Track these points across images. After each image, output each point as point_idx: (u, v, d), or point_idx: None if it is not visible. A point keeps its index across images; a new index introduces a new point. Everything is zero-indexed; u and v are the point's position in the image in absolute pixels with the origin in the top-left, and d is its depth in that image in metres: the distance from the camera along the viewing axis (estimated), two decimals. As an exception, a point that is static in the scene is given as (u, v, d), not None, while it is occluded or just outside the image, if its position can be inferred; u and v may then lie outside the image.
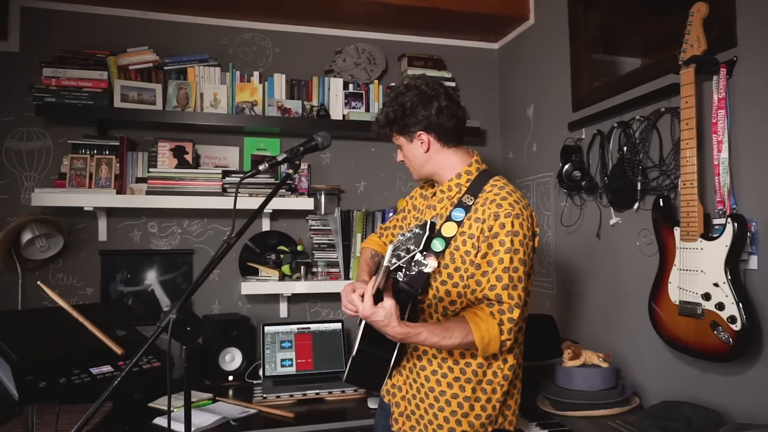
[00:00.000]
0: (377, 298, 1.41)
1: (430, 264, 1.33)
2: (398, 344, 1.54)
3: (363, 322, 1.53)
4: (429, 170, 1.69)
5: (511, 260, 1.50)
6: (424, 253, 1.29)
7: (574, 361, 2.04)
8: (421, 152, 1.65)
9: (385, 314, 1.39)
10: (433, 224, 1.30)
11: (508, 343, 1.51)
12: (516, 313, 1.50)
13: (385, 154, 3.09)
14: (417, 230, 1.31)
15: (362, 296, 1.43)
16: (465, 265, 1.54)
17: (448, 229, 1.57)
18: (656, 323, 1.87)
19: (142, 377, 2.14)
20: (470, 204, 1.59)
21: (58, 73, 2.51)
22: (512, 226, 1.50)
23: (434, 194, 1.73)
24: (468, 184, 1.63)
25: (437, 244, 1.55)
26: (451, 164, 1.67)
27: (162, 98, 2.67)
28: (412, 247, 1.27)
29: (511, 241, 1.50)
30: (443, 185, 1.68)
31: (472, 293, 1.55)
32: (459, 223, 1.57)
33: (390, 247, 1.32)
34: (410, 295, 1.52)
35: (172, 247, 2.80)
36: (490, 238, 1.52)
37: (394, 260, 1.29)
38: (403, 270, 1.41)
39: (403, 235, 1.31)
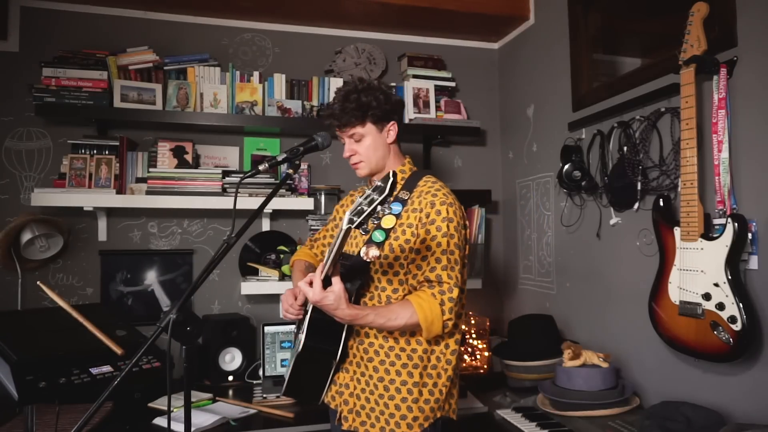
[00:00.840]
0: (325, 284, 1.50)
1: (372, 253, 1.42)
2: (343, 335, 1.63)
3: (307, 320, 1.60)
4: (382, 164, 1.77)
5: (448, 243, 1.63)
6: (390, 203, 1.36)
7: (574, 361, 2.04)
8: (386, 143, 1.77)
9: (335, 297, 1.49)
10: (395, 173, 1.36)
11: (449, 323, 1.61)
12: (455, 293, 1.62)
13: (385, 154, 3.09)
14: (378, 183, 1.35)
15: (310, 283, 1.51)
16: (405, 253, 1.65)
17: (388, 222, 1.67)
18: (656, 323, 1.87)
19: (142, 377, 2.14)
20: (406, 198, 1.71)
21: (58, 73, 2.52)
22: (447, 212, 1.64)
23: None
24: (403, 182, 1.76)
25: (378, 236, 1.65)
26: (394, 159, 1.80)
27: (162, 98, 2.67)
28: (376, 197, 1.31)
29: (447, 227, 1.63)
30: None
31: (414, 278, 1.65)
32: (397, 216, 1.67)
33: (347, 213, 1.35)
34: (354, 279, 1.62)
35: (172, 247, 2.80)
36: (427, 225, 1.63)
37: (354, 218, 1.33)
38: (358, 235, 1.48)
39: (362, 196, 1.34)
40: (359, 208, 1.33)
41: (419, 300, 1.59)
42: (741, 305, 1.60)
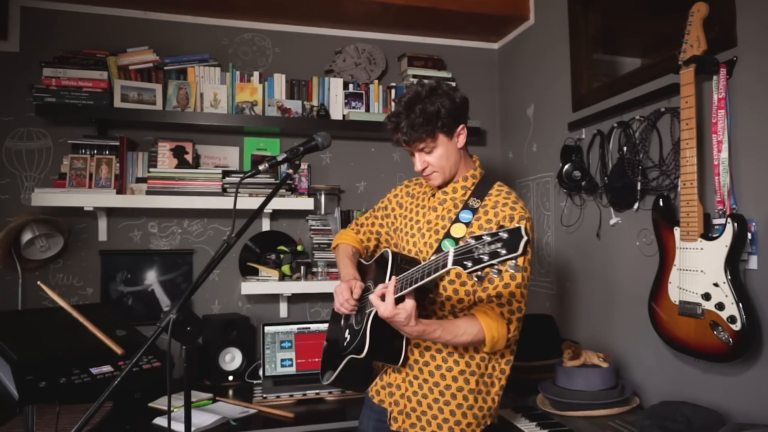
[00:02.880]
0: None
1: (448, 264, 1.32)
2: (404, 344, 1.58)
3: (370, 322, 1.55)
4: (455, 171, 1.67)
5: (523, 261, 1.57)
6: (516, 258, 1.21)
7: (574, 361, 2.04)
8: (457, 148, 1.66)
9: (406, 315, 1.43)
10: (527, 229, 1.21)
11: (512, 339, 1.59)
12: (523, 312, 1.59)
13: (385, 154, 3.09)
14: (504, 234, 1.21)
15: (381, 296, 1.45)
16: None
17: (458, 230, 1.61)
18: (656, 323, 1.87)
19: (142, 377, 2.15)
20: (477, 206, 1.63)
21: (58, 73, 2.52)
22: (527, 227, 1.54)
23: (431, 195, 1.74)
24: (473, 188, 1.68)
25: (447, 245, 1.59)
26: (465, 163, 1.70)
27: (162, 98, 2.67)
28: (502, 252, 1.20)
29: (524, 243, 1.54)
30: (446, 187, 1.70)
31: (484, 290, 1.59)
32: (467, 224, 1.61)
33: (451, 251, 1.26)
34: (425, 292, 1.56)
35: (172, 247, 2.80)
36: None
37: (468, 263, 1.23)
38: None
39: (478, 239, 1.23)
40: (474, 255, 1.22)
41: (488, 319, 1.53)
42: (740, 305, 1.60)
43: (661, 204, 1.86)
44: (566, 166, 2.37)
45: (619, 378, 2.08)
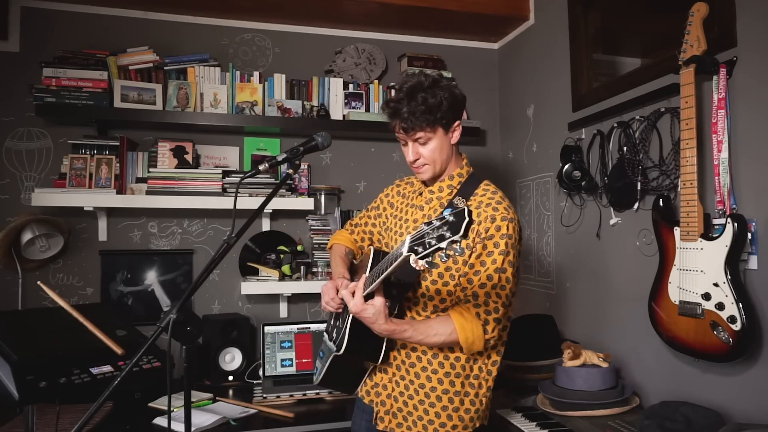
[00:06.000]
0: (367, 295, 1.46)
1: (421, 263, 1.31)
2: (384, 341, 1.59)
3: (349, 324, 1.56)
4: (445, 166, 1.67)
5: (503, 261, 1.55)
6: (459, 240, 1.21)
7: (574, 361, 2.04)
8: (450, 144, 1.66)
9: (374, 311, 1.46)
10: (470, 211, 1.22)
11: (492, 341, 1.58)
12: (501, 313, 1.57)
13: (385, 154, 3.09)
14: (452, 218, 1.22)
15: (353, 293, 1.48)
16: (457, 265, 1.58)
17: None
18: (656, 323, 1.87)
19: (142, 377, 2.15)
20: (461, 206, 1.61)
21: (58, 73, 2.52)
22: (507, 229, 1.56)
23: (419, 194, 1.75)
24: (459, 187, 1.68)
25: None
26: (455, 160, 1.70)
27: (162, 98, 2.67)
28: (447, 234, 1.20)
29: (506, 244, 1.55)
30: (433, 186, 1.70)
31: (462, 291, 1.58)
32: None
33: (407, 239, 1.26)
34: (402, 290, 1.56)
35: (172, 247, 2.80)
36: (485, 240, 1.55)
37: (418, 248, 1.23)
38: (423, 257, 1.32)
39: (429, 225, 1.24)
40: (425, 240, 1.22)
41: (462, 320, 1.53)
42: (740, 305, 1.60)
43: (661, 204, 1.86)
44: (566, 166, 2.37)
45: (619, 378, 2.08)
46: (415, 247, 1.23)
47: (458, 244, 1.20)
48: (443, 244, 1.20)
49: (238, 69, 2.83)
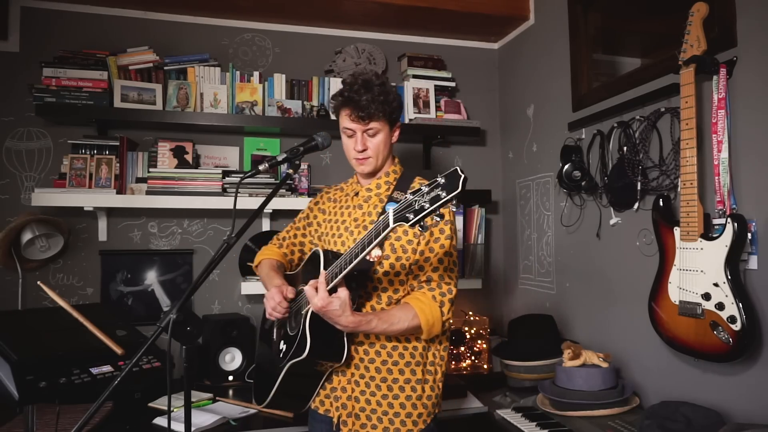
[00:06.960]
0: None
1: (375, 252, 1.39)
2: (345, 340, 1.60)
3: (307, 320, 1.54)
4: (384, 163, 1.76)
5: (450, 245, 1.67)
6: (458, 197, 1.22)
7: (574, 361, 2.04)
8: (391, 142, 1.75)
9: (341, 304, 1.47)
10: (462, 168, 1.22)
11: (447, 323, 1.64)
12: (454, 294, 1.66)
13: (385, 154, 3.09)
14: (442, 180, 1.22)
15: (315, 288, 1.48)
16: (407, 254, 1.64)
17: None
18: (656, 323, 1.87)
19: (142, 377, 2.15)
20: (402, 199, 1.66)
21: (58, 73, 2.52)
22: (448, 215, 1.69)
23: (355, 194, 1.79)
24: (395, 183, 1.75)
25: (387, 208, 1.62)
26: (390, 160, 1.80)
27: (162, 98, 2.67)
28: (443, 194, 1.21)
29: (450, 229, 1.66)
30: (371, 183, 1.76)
31: (415, 278, 1.66)
32: None
33: (390, 210, 1.28)
34: (360, 282, 1.60)
35: (172, 247, 2.80)
36: (431, 227, 1.64)
37: (410, 215, 1.24)
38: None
39: (416, 192, 1.25)
40: (414, 207, 1.24)
41: (420, 303, 1.60)
42: (740, 305, 1.60)
43: (661, 204, 1.86)
44: (566, 166, 2.37)
45: (619, 378, 2.08)
46: (406, 215, 1.25)
47: (452, 203, 1.24)
48: (443, 200, 1.21)
49: (238, 69, 2.83)
